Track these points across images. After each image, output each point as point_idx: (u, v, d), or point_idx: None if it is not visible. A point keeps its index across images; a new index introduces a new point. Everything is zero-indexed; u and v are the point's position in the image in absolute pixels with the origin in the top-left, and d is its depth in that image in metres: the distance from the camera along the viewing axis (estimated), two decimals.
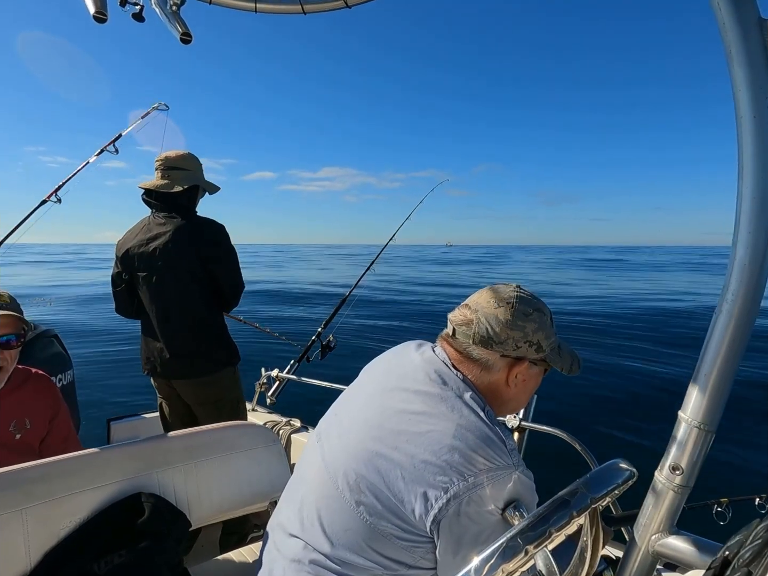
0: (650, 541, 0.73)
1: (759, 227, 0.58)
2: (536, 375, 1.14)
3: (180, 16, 0.98)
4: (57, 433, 1.68)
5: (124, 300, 2.56)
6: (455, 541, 0.93)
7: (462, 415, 0.99)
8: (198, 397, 2.51)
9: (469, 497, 0.91)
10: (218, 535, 2.43)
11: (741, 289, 0.60)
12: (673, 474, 0.69)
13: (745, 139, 0.58)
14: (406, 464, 0.95)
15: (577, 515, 0.74)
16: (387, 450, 0.99)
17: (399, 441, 0.98)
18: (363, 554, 0.97)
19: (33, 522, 1.26)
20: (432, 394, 1.03)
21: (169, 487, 1.52)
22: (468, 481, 0.91)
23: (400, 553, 0.96)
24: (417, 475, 0.94)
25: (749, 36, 0.56)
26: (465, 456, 0.93)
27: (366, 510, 0.97)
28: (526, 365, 1.08)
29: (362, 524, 0.97)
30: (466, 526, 0.92)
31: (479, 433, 0.97)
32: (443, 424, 0.98)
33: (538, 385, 1.17)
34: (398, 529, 0.95)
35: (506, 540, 0.68)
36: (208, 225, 2.46)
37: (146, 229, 2.46)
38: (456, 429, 0.97)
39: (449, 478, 0.92)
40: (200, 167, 2.56)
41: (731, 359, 0.62)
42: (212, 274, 2.43)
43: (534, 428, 1.98)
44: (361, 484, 0.99)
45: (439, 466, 0.93)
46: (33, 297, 13.46)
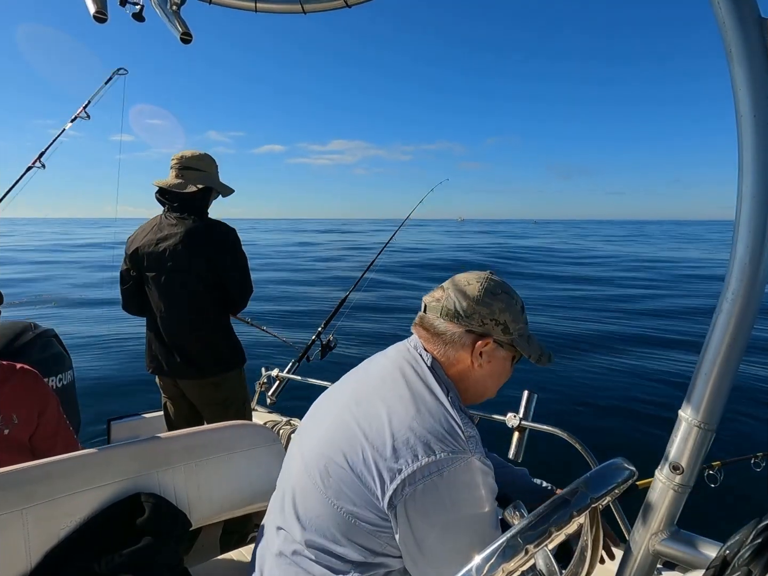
0: (650, 540, 0.73)
1: (759, 226, 0.58)
2: (503, 359, 1.13)
3: (180, 16, 0.98)
4: (45, 427, 1.68)
5: (132, 297, 2.57)
6: (411, 530, 0.94)
7: (423, 400, 1.02)
8: (204, 397, 2.52)
9: (423, 485, 0.92)
10: (219, 535, 2.43)
11: (741, 288, 0.60)
12: (674, 473, 0.69)
13: (746, 138, 0.58)
14: (367, 447, 0.98)
15: (578, 515, 0.74)
16: (351, 434, 1.02)
17: (363, 425, 1.02)
18: (334, 541, 1.00)
19: (33, 522, 1.26)
20: (396, 379, 1.07)
21: (170, 486, 1.52)
22: (421, 462, 0.93)
23: (368, 539, 0.98)
24: (375, 457, 0.96)
25: (749, 35, 0.56)
26: (421, 438, 0.95)
27: (334, 494, 1.00)
28: (490, 343, 1.09)
29: (332, 509, 1.00)
30: (421, 515, 0.93)
31: (437, 418, 0.99)
32: (403, 407, 1.01)
33: (507, 374, 1.17)
34: (363, 511, 0.97)
35: (507, 539, 0.68)
36: (218, 228, 2.47)
37: (157, 229, 2.47)
38: (415, 412, 1.00)
39: (404, 459, 0.94)
40: (216, 168, 2.57)
41: (732, 358, 0.62)
42: (221, 276, 2.44)
43: (534, 428, 1.98)
44: (329, 468, 1.02)
45: (394, 448, 0.96)
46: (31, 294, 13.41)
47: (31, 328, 2.42)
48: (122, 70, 3.54)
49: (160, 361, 2.50)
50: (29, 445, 1.66)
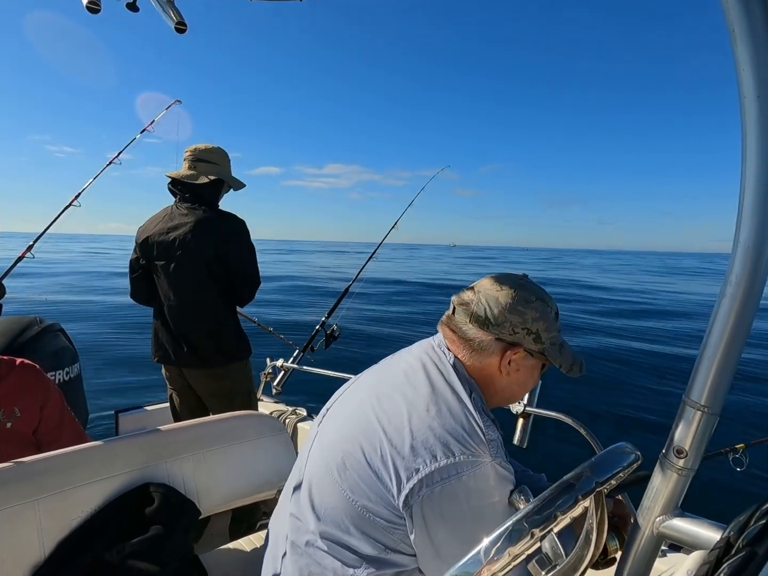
0: (654, 522, 0.73)
1: (763, 209, 0.58)
2: (532, 368, 1.11)
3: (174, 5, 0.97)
4: (48, 421, 1.70)
5: (140, 286, 2.59)
6: (427, 532, 0.93)
7: (444, 399, 1.00)
8: (210, 388, 2.53)
9: (441, 487, 0.91)
10: (228, 523, 2.46)
11: (745, 272, 0.60)
12: (678, 457, 0.69)
13: (749, 120, 0.58)
14: (385, 443, 0.97)
15: (583, 498, 0.74)
16: (371, 429, 1.01)
17: (383, 420, 1.00)
18: (348, 533, 0.99)
19: (45, 513, 1.29)
20: (419, 377, 1.05)
21: (178, 476, 1.54)
22: (440, 463, 0.91)
23: (382, 534, 0.97)
24: (393, 454, 0.95)
25: (753, 15, 0.55)
26: (440, 439, 0.94)
27: (349, 487, 0.99)
28: (521, 353, 1.06)
29: (347, 502, 0.99)
30: (438, 519, 0.92)
31: (458, 418, 0.97)
32: (424, 405, 0.99)
33: (535, 381, 1.14)
34: (378, 507, 0.96)
35: (512, 523, 0.69)
36: (228, 219, 2.49)
37: (168, 218, 2.48)
38: (436, 412, 0.98)
39: (422, 459, 0.92)
40: (228, 162, 2.59)
41: (735, 343, 0.62)
42: (229, 267, 2.45)
43: (539, 413, 1.99)
44: (347, 461, 1.01)
45: (413, 447, 0.94)
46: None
47: (37, 322, 2.43)
48: (177, 102, 3.80)
49: (167, 350, 2.51)
50: (33, 439, 1.68)
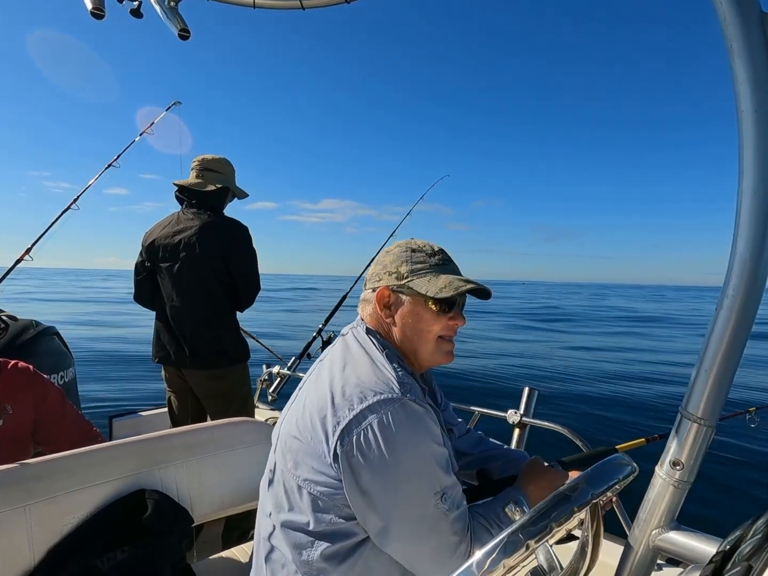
0: (651, 535, 0.73)
1: (759, 222, 0.58)
2: (410, 305, 1.11)
3: (178, 12, 0.97)
4: (49, 415, 1.68)
5: (143, 289, 2.64)
6: (354, 480, 0.94)
7: (359, 358, 1.06)
8: (209, 389, 2.55)
9: (362, 431, 0.93)
10: (221, 531, 2.44)
11: (742, 284, 0.60)
12: (674, 469, 0.69)
13: (746, 134, 0.58)
14: (314, 411, 1.01)
15: (578, 510, 0.74)
16: (303, 407, 1.06)
17: (312, 396, 1.05)
18: (300, 513, 1.01)
19: (36, 519, 1.27)
20: (342, 352, 1.11)
21: (172, 483, 1.52)
22: (357, 410, 0.94)
23: (326, 503, 0.99)
24: (320, 417, 0.99)
25: (750, 30, 0.55)
26: (356, 388, 0.98)
27: (294, 466, 1.02)
28: (385, 291, 1.13)
29: (294, 483, 1.02)
30: (360, 464, 0.93)
31: (372, 369, 1.02)
32: (340, 367, 1.05)
33: (431, 322, 1.11)
34: (318, 476, 0.98)
35: (507, 535, 0.68)
36: (232, 224, 2.57)
37: (174, 222, 2.56)
38: (351, 370, 1.03)
39: (342, 410, 0.96)
40: (233, 173, 2.68)
41: (732, 355, 0.62)
42: (231, 271, 2.51)
43: (535, 424, 1.99)
44: (288, 442, 1.05)
45: (333, 404, 0.98)
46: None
47: (33, 325, 2.42)
48: (176, 103, 3.70)
49: (168, 351, 2.54)
50: (30, 440, 1.67)
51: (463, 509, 0.98)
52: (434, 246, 1.17)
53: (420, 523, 0.94)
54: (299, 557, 1.00)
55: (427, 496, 0.93)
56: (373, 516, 0.95)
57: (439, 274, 1.11)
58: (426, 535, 0.94)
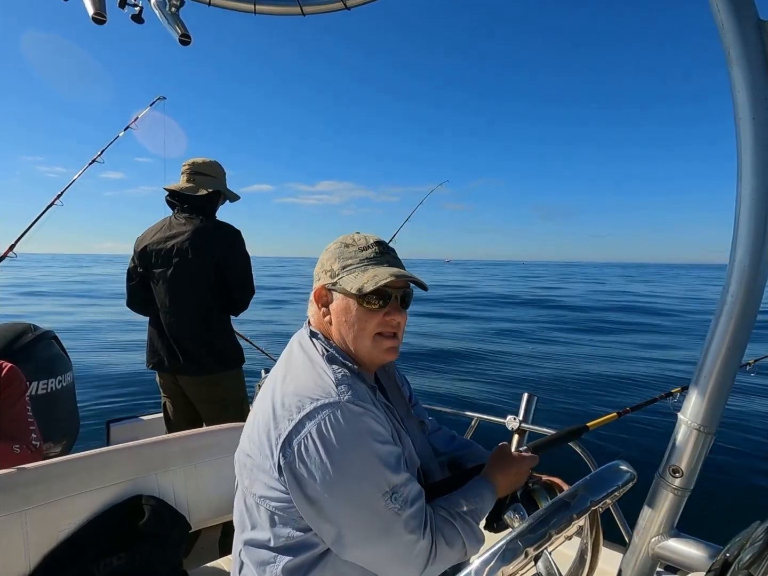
0: (650, 543, 0.72)
1: (758, 229, 0.58)
2: (342, 301, 1.07)
3: (179, 18, 0.98)
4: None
5: (137, 294, 2.62)
6: (300, 491, 0.92)
7: (299, 365, 1.05)
8: (203, 395, 2.53)
9: (302, 440, 0.92)
10: (218, 538, 2.42)
11: (740, 291, 0.60)
12: (673, 476, 0.69)
13: (744, 141, 0.58)
14: (261, 426, 1.00)
15: (577, 517, 0.73)
16: (254, 416, 1.05)
17: (258, 411, 1.04)
18: (261, 530, 1.01)
19: (32, 524, 1.26)
20: (286, 360, 1.10)
21: (169, 489, 1.52)
22: (295, 420, 0.93)
23: (282, 518, 0.98)
24: (265, 431, 0.98)
25: (748, 37, 0.56)
26: (294, 398, 0.96)
27: (250, 484, 1.02)
28: (321, 290, 1.11)
29: (251, 500, 1.02)
30: (304, 475, 0.92)
31: (310, 374, 1.01)
32: (281, 377, 1.04)
33: (364, 320, 1.06)
34: (271, 491, 0.97)
35: (506, 542, 0.68)
36: (225, 228, 2.55)
37: (166, 228, 2.53)
38: (291, 379, 1.02)
39: (283, 423, 0.95)
40: (224, 175, 2.66)
41: (731, 361, 0.62)
42: (225, 276, 2.49)
43: (534, 430, 1.98)
44: (242, 459, 1.05)
45: (275, 416, 0.97)
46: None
47: (31, 329, 2.42)
48: (161, 97, 3.73)
49: (162, 357, 2.52)
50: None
51: (417, 506, 0.95)
52: (369, 238, 1.12)
53: (372, 525, 0.92)
54: (264, 574, 1.00)
55: (375, 498, 0.91)
56: (325, 525, 0.93)
57: (367, 269, 1.06)
58: (380, 537, 0.92)
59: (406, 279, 1.07)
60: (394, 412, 1.11)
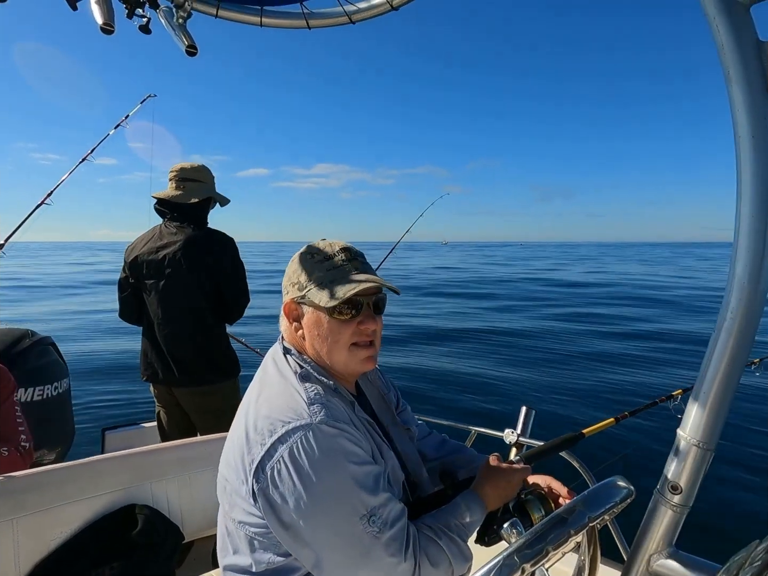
0: (648, 560, 0.72)
1: (757, 246, 0.59)
2: (313, 314, 1.05)
3: (186, 29, 0.99)
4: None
5: (129, 305, 2.58)
6: (276, 518, 0.90)
7: (271, 383, 1.02)
8: (199, 406, 2.51)
9: (275, 466, 0.89)
10: (211, 549, 2.39)
11: (740, 307, 0.60)
12: (672, 493, 0.69)
13: (744, 159, 0.59)
14: (236, 450, 0.98)
15: (575, 533, 0.73)
16: (231, 438, 1.03)
17: (233, 434, 1.02)
18: (242, 554, 0.99)
19: (23, 532, 1.25)
20: (261, 379, 1.07)
21: (163, 498, 1.50)
22: (267, 444, 0.91)
23: (262, 543, 0.96)
24: (240, 456, 0.96)
25: (747, 58, 0.57)
26: (266, 421, 0.94)
27: (230, 508, 1.00)
28: (292, 305, 1.07)
29: (232, 525, 1.00)
30: (278, 501, 0.89)
31: (282, 396, 0.98)
32: (255, 398, 1.02)
33: (338, 332, 1.03)
34: (250, 517, 0.95)
35: (503, 558, 0.68)
36: (218, 237, 2.51)
37: (157, 237, 2.49)
38: (264, 400, 0.99)
39: (256, 448, 0.93)
40: (213, 179, 2.62)
41: (731, 377, 0.62)
42: (219, 285, 2.46)
43: (532, 443, 1.97)
44: (221, 482, 1.03)
45: (248, 440, 0.95)
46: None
47: (29, 335, 2.41)
48: (151, 95, 3.72)
49: (156, 369, 2.49)
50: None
51: (398, 527, 0.92)
52: (335, 245, 1.08)
53: (350, 550, 0.89)
54: None
55: (352, 522, 0.89)
56: (303, 550, 0.91)
57: (335, 279, 1.02)
58: (359, 562, 0.89)
59: (374, 286, 1.02)
60: (375, 426, 1.07)
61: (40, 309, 13.61)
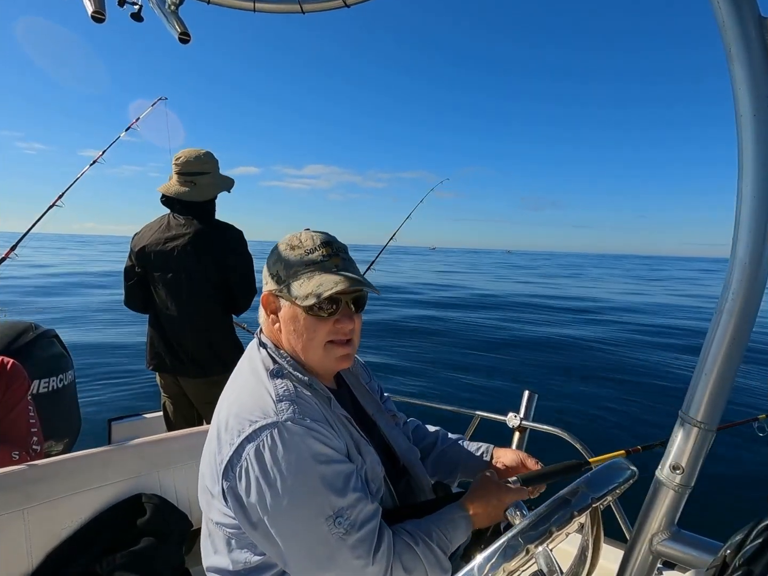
0: (651, 540, 0.73)
1: (759, 226, 0.58)
2: (290, 308, 1.02)
3: (178, 16, 0.98)
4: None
5: (135, 294, 2.59)
6: (245, 517, 0.91)
7: (243, 383, 1.02)
8: (205, 396, 2.53)
9: (242, 465, 0.89)
10: None
11: (741, 288, 0.60)
12: (674, 473, 0.69)
13: (746, 138, 0.58)
14: (211, 451, 0.98)
15: (578, 514, 0.74)
16: (209, 436, 1.02)
17: (212, 423, 1.02)
18: (221, 554, 0.99)
19: (34, 522, 1.27)
20: (235, 377, 1.07)
21: (170, 487, 1.52)
22: (236, 444, 0.90)
23: (239, 542, 0.96)
24: (214, 457, 0.96)
25: (749, 34, 0.56)
26: (236, 420, 0.93)
27: (207, 509, 1.00)
28: (270, 297, 1.06)
29: (212, 527, 1.00)
30: (246, 497, 0.89)
31: (253, 394, 0.97)
32: (227, 396, 1.02)
33: (314, 328, 1.01)
34: (225, 517, 0.95)
35: (507, 539, 0.68)
36: (227, 230, 2.51)
37: (165, 228, 2.48)
38: (234, 399, 0.99)
39: (226, 448, 0.92)
40: (218, 166, 2.57)
41: (732, 358, 0.62)
42: (227, 278, 2.47)
43: (535, 427, 1.98)
44: (201, 482, 1.03)
45: (219, 441, 0.95)
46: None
47: (32, 328, 2.42)
48: (162, 98, 3.76)
49: (163, 358, 2.51)
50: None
51: (367, 528, 0.89)
52: (317, 239, 1.04)
53: (315, 552, 0.88)
54: None
55: (317, 522, 0.87)
56: (272, 548, 0.91)
57: (313, 275, 0.99)
58: (325, 564, 0.88)
59: (353, 286, 0.98)
60: (353, 422, 1.04)
61: (45, 305, 13.66)
